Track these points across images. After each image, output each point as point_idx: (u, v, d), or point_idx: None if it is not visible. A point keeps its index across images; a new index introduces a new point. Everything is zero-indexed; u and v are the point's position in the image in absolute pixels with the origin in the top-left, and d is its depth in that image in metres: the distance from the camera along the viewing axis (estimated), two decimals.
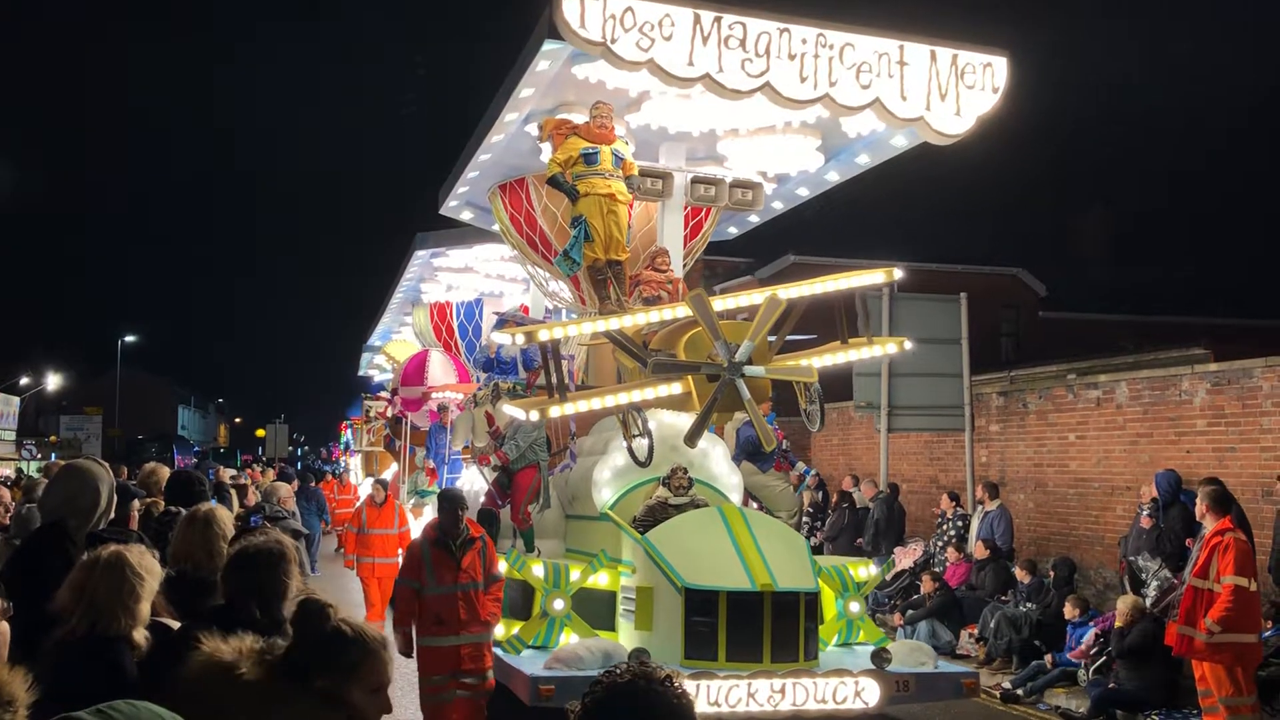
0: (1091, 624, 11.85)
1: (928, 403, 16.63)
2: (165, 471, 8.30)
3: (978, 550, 14.36)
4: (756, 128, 10.95)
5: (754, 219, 13.93)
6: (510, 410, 9.92)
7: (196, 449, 67.71)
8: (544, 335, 9.19)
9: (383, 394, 31.84)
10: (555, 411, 9.26)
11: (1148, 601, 11.03)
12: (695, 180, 11.16)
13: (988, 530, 14.48)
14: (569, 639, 9.33)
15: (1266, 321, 27.77)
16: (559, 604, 9.37)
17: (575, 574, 9.67)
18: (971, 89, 9.51)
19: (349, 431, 44.16)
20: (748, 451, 11.90)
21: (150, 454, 42.36)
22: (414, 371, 20.06)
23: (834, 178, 12.22)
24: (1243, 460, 12.73)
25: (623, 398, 9.42)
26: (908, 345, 10.24)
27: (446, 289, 21.06)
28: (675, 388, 9.46)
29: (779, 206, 13.31)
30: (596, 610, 9.73)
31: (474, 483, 12.75)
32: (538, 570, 9.65)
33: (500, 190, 13.14)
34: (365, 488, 29.03)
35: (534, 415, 9.33)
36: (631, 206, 11.12)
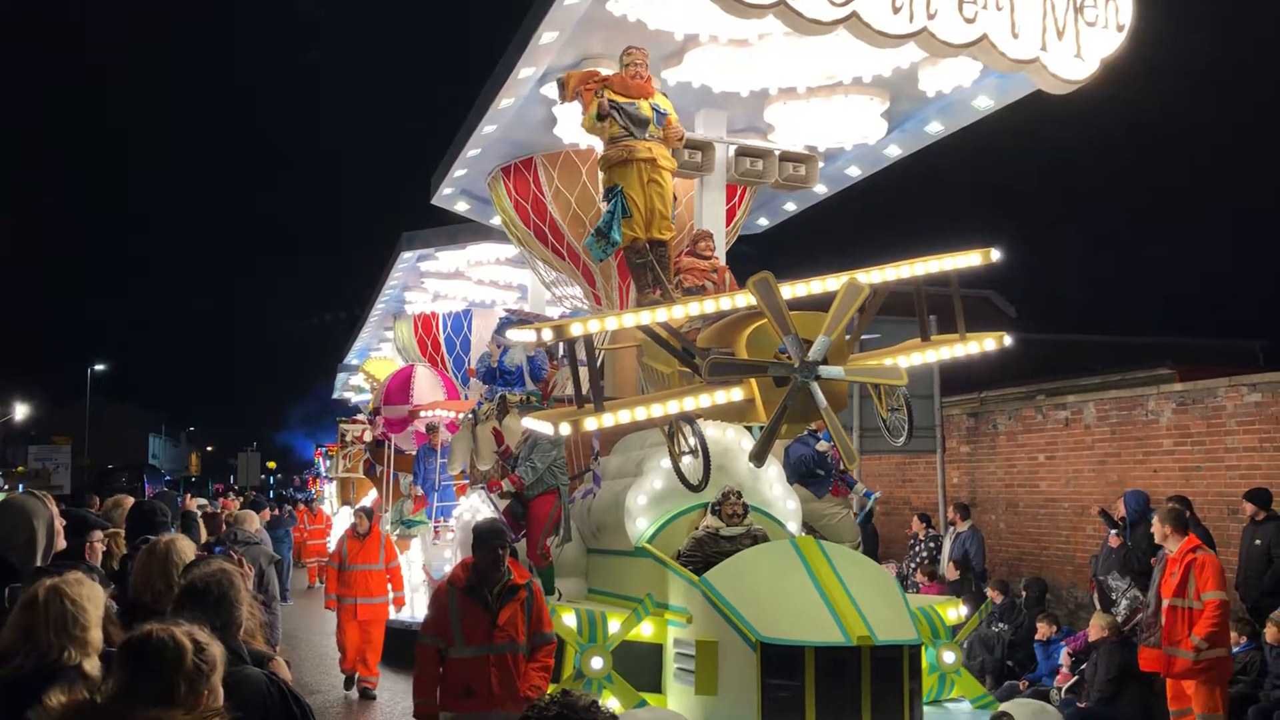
0: (1063, 643, 11.57)
1: None
2: (129, 502, 8.08)
3: (949, 571, 13.94)
4: (818, 85, 9.23)
5: (791, 206, 12.26)
6: (532, 424, 8.13)
7: (168, 478, 66.17)
8: (577, 330, 7.42)
9: (359, 416, 30.21)
10: (591, 424, 7.49)
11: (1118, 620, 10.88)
12: (740, 153, 9.41)
13: (959, 551, 14.17)
14: (609, 705, 7.53)
15: (1231, 341, 28.01)
16: (597, 662, 7.58)
17: (614, 624, 7.91)
18: (1093, 26, 7.85)
19: (323, 459, 42.37)
20: (800, 473, 10.19)
21: (121, 483, 41.12)
22: (398, 389, 18.25)
23: (895, 152, 10.56)
24: (1209, 479, 12.77)
25: (672, 406, 7.63)
26: (1008, 340, 8.52)
27: (433, 298, 19.36)
28: (735, 394, 7.70)
29: (822, 190, 11.65)
30: (639, 668, 7.98)
31: (477, 511, 10.95)
32: (569, 620, 7.89)
33: (503, 174, 11.42)
34: (341, 517, 27.28)
35: (564, 429, 7.53)
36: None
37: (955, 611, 8.94)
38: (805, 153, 9.75)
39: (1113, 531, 12.01)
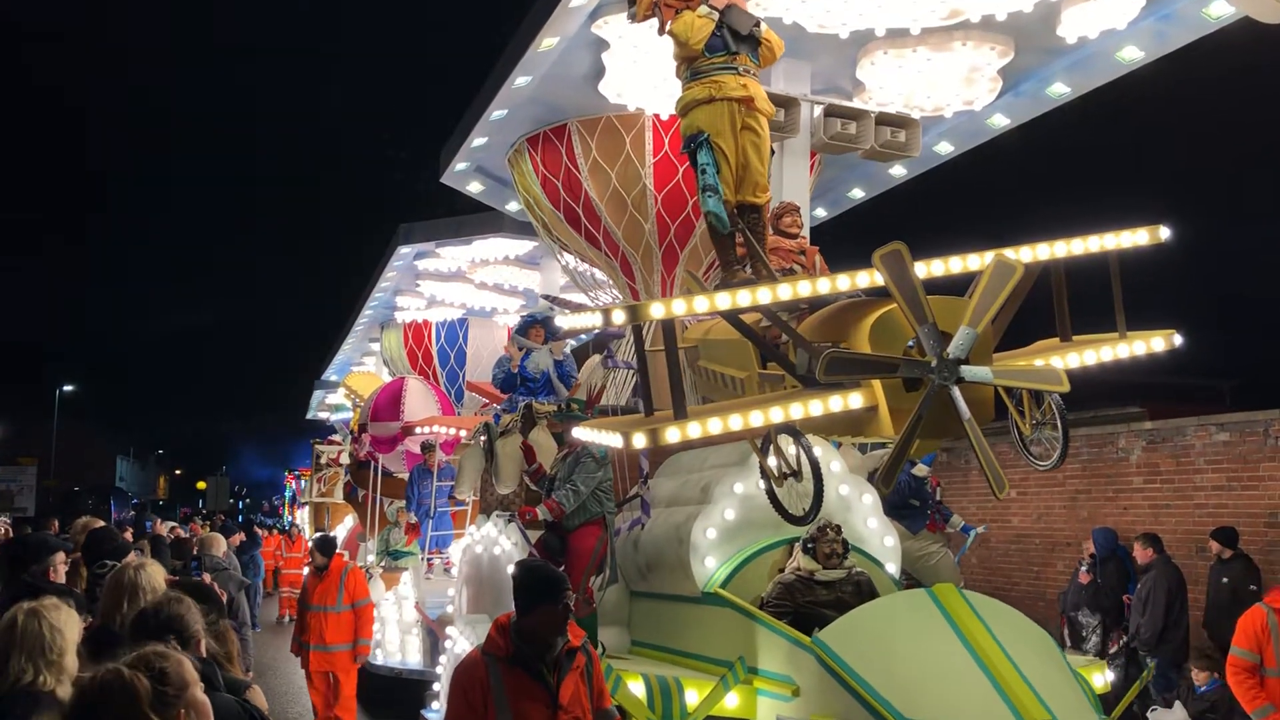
0: None
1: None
2: (97, 525, 7.90)
3: None
4: (937, 26, 7.54)
5: (858, 193, 10.60)
6: (591, 436, 6.35)
7: (135, 501, 64.53)
8: (658, 311, 5.67)
9: (335, 437, 28.41)
10: (673, 435, 5.72)
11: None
12: (830, 112, 7.72)
13: None
14: None
15: (1200, 380, 27.60)
16: None
17: (692, 694, 6.18)
18: None
19: (295, 483, 40.50)
20: (892, 503, 8.45)
21: (87, 506, 39.36)
22: (387, 404, 16.38)
23: (1000, 122, 8.92)
24: (1177, 516, 12.82)
25: (774, 414, 5.89)
26: (1177, 340, 6.83)
27: (427, 304, 17.56)
28: (853, 400, 5.98)
29: (899, 173, 9.93)
30: None
31: (493, 543, 9.15)
32: (636, 689, 6.12)
33: (529, 145, 9.70)
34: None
35: (639, 441, 5.73)
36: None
37: (1101, 678, 7.27)
38: (907, 115, 8.04)
39: (1082, 568, 12.01)
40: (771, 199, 7.95)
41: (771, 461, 6.68)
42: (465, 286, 16.51)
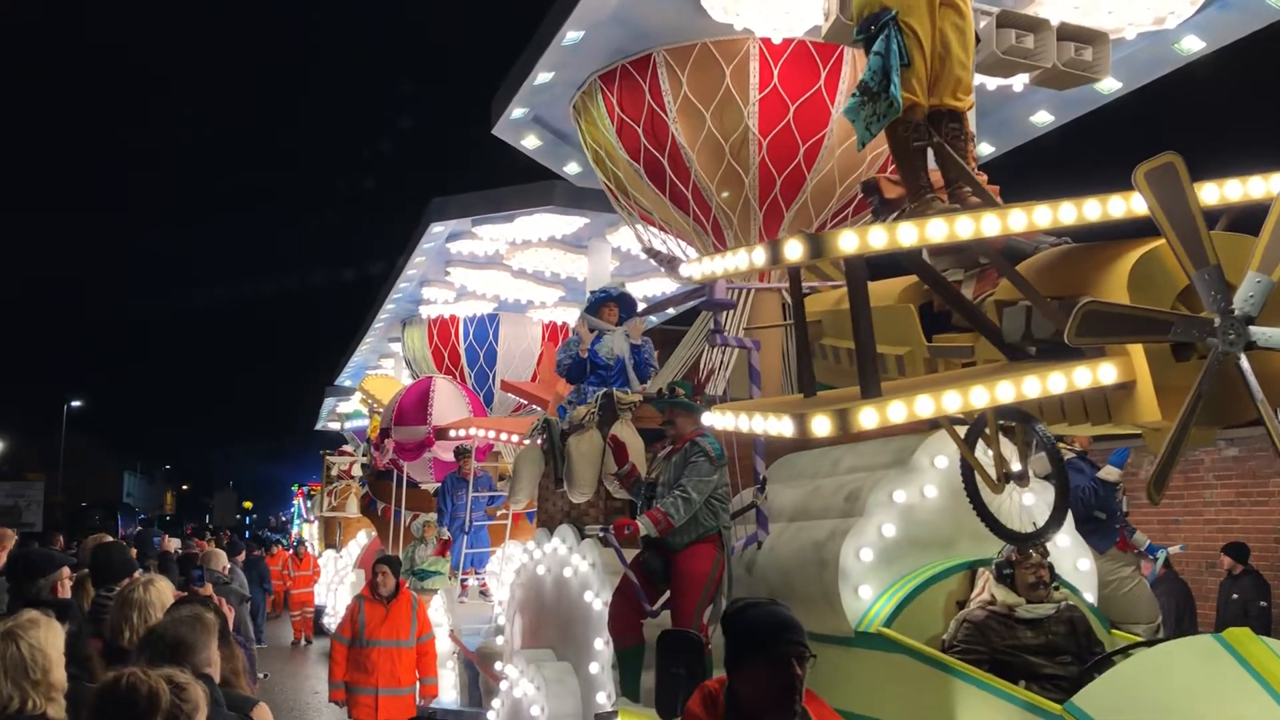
0: None
1: None
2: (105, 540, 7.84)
3: None
4: None
5: (986, 149, 8.95)
6: (726, 422, 4.65)
7: (142, 516, 64.00)
8: (848, 244, 3.99)
9: (346, 448, 26.86)
10: (869, 418, 4.05)
11: None
12: (1003, 22, 6.09)
13: None
14: None
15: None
16: None
17: None
18: None
19: (303, 499, 39.02)
20: (1077, 516, 6.78)
21: (94, 521, 38.41)
22: (413, 406, 14.69)
23: (1191, 46, 7.28)
24: (1186, 533, 12.85)
25: (1003, 391, 4.23)
26: None
27: (456, 295, 15.89)
28: (1105, 372, 4.36)
29: (1043, 120, 8.29)
30: None
31: (563, 565, 7.48)
32: None
33: (603, 84, 8.04)
34: (325, 560, 24.02)
35: (820, 426, 4.05)
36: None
37: None
38: (1094, 29, 6.38)
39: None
40: None
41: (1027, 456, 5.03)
42: (500, 275, 14.89)
